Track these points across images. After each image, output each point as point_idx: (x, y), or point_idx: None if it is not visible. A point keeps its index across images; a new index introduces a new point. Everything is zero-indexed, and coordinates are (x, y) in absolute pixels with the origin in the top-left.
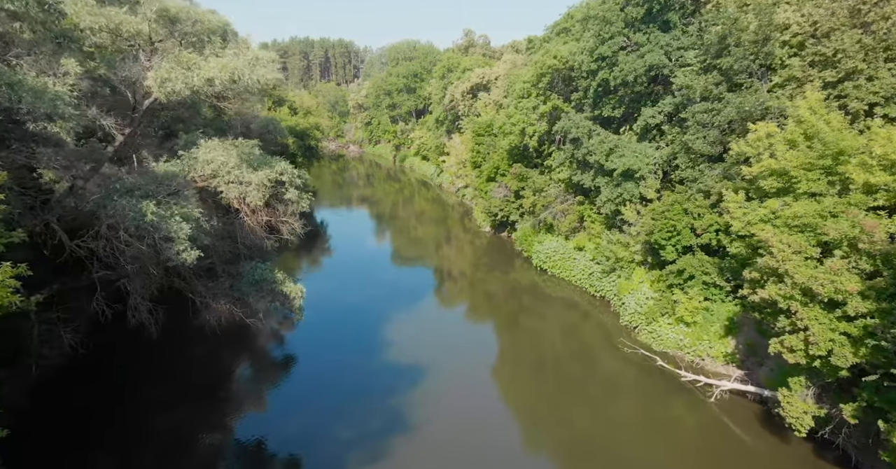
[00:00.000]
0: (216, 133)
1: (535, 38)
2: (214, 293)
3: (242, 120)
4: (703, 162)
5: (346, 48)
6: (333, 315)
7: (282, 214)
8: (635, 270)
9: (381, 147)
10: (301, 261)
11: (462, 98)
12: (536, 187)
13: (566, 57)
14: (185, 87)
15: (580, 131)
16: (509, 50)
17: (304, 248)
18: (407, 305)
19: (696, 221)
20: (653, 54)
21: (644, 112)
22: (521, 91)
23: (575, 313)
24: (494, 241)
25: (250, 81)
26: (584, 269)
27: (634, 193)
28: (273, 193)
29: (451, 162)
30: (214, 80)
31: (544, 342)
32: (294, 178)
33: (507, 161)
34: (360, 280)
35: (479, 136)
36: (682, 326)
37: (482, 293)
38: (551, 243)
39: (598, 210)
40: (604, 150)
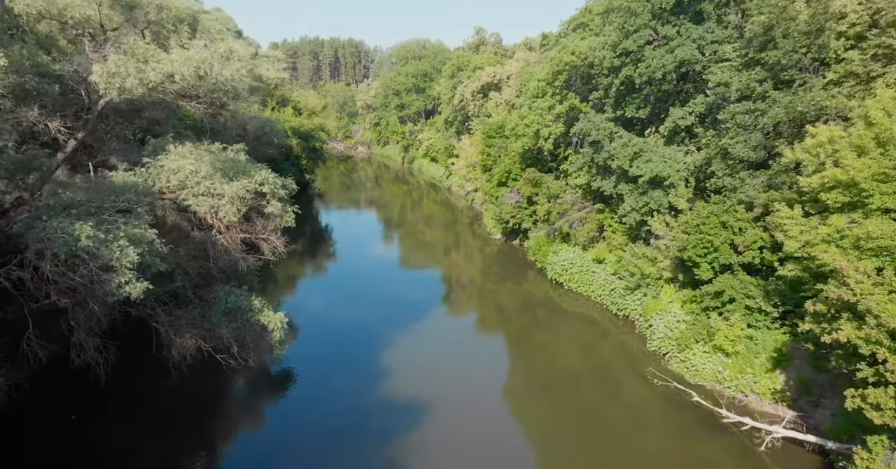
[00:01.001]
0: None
1: (549, 35)
2: (180, 324)
3: (238, 121)
4: (744, 169)
5: (356, 48)
6: (334, 328)
7: (261, 231)
8: (663, 288)
9: (389, 148)
10: (305, 266)
11: (472, 98)
12: (551, 193)
13: (585, 53)
14: (138, 84)
15: (601, 134)
16: (522, 48)
17: (309, 253)
18: (413, 317)
19: (736, 237)
20: (683, 49)
21: (672, 113)
22: (536, 90)
23: (594, 332)
24: (505, 249)
25: (221, 78)
26: (605, 285)
27: (662, 203)
28: (253, 206)
29: (461, 165)
30: (175, 75)
31: (560, 362)
32: (276, 188)
33: (520, 165)
34: (365, 288)
35: (489, 137)
36: (721, 356)
37: (492, 305)
38: (568, 254)
39: (621, 219)
40: (627, 155)
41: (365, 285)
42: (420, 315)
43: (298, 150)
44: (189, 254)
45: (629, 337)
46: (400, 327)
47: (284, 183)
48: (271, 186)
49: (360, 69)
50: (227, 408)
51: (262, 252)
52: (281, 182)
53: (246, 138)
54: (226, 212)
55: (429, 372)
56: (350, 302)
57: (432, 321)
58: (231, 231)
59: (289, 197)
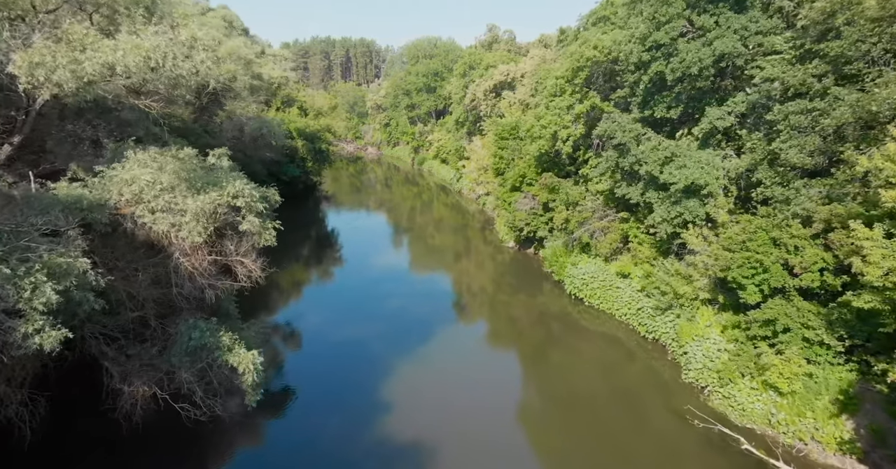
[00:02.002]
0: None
1: (567, 30)
2: (133, 366)
3: (234, 123)
4: (797, 177)
5: (368, 47)
6: (336, 341)
7: (234, 252)
8: (700, 310)
9: (399, 149)
10: (310, 271)
11: (484, 97)
12: (570, 200)
13: (609, 47)
14: (71, 78)
15: (627, 136)
16: (537, 45)
17: (315, 258)
18: (420, 329)
19: (791, 256)
20: (723, 41)
21: (709, 112)
22: (554, 88)
23: (618, 355)
24: (519, 258)
25: (182, 71)
26: (631, 303)
27: (698, 214)
28: (226, 222)
29: (471, 167)
30: (117, 66)
31: (579, 384)
32: (253, 201)
33: (535, 169)
34: (371, 298)
35: (502, 139)
36: (774, 395)
37: (505, 318)
38: (588, 267)
39: (648, 230)
40: (657, 159)
41: (371, 294)
42: (428, 327)
43: (304, 151)
44: (148, 279)
45: (659, 363)
46: (407, 341)
47: (265, 194)
48: (247, 199)
49: (371, 69)
50: None
51: (236, 276)
52: (260, 194)
53: (242, 140)
54: (189, 230)
55: (436, 387)
56: (355, 312)
57: (440, 332)
58: (197, 252)
59: (271, 210)
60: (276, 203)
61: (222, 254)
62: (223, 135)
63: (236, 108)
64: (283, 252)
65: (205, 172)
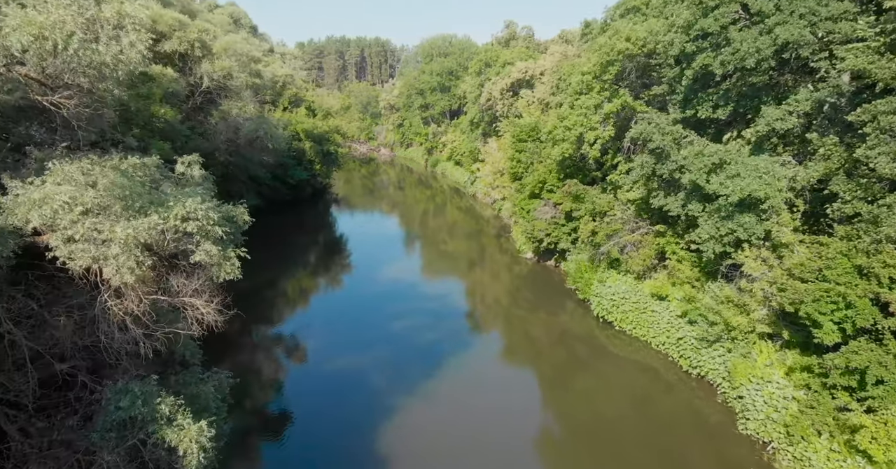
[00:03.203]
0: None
1: (592, 23)
2: (38, 444)
3: (229, 124)
4: (886, 191)
5: (383, 47)
6: (340, 359)
7: (180, 291)
8: (757, 345)
9: (412, 150)
10: (317, 281)
11: (501, 96)
12: (597, 210)
13: (644, 38)
14: None
15: (666, 139)
16: (557, 41)
17: (322, 265)
18: (431, 343)
19: (885, 291)
20: (787, 27)
21: (766, 112)
22: (580, 85)
23: (654, 389)
24: (538, 271)
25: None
26: (670, 330)
27: (756, 232)
28: (177, 252)
29: (486, 171)
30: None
31: (607, 415)
32: (210, 225)
33: (557, 174)
34: (379, 311)
35: (520, 141)
36: (863, 461)
37: (522, 336)
38: (618, 286)
39: (688, 246)
40: (703, 166)
41: (379, 306)
42: (439, 342)
43: (311, 153)
44: (72, 326)
45: (705, 404)
46: (417, 357)
47: (230, 214)
48: (201, 223)
49: (386, 69)
50: None
51: (187, 320)
52: (222, 214)
53: (238, 143)
54: (118, 266)
55: (448, 407)
56: (361, 326)
57: (452, 347)
58: (131, 293)
59: (241, 232)
60: (244, 224)
61: (168, 293)
62: (217, 137)
63: (232, 108)
64: (288, 258)
65: (149, 189)
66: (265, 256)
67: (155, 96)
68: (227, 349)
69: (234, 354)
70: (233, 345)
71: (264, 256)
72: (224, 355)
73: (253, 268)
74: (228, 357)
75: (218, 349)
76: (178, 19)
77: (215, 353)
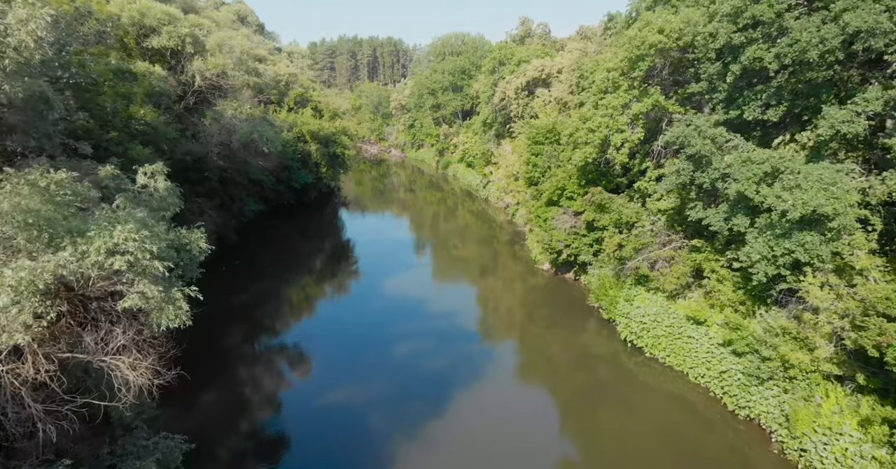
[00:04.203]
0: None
1: (616, 16)
2: None
3: (223, 126)
4: None
5: (395, 46)
6: (342, 377)
7: (101, 349)
8: (821, 387)
9: (423, 151)
10: (320, 290)
11: (515, 95)
12: (623, 220)
13: (680, 30)
14: None
15: (707, 144)
16: (576, 38)
17: (327, 272)
18: (438, 372)
19: None
20: (858, 14)
21: (829, 113)
22: (605, 83)
23: (691, 425)
24: (555, 284)
25: None
26: (710, 362)
27: (820, 254)
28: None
29: (500, 174)
30: None
31: (633, 446)
32: (146, 258)
33: (578, 180)
34: (385, 329)
35: (536, 143)
36: None
37: (540, 359)
38: (648, 306)
39: (730, 263)
40: (753, 176)
41: (385, 324)
42: (449, 368)
43: (317, 156)
44: None
45: (757, 453)
46: (425, 376)
47: (183, 240)
48: (134, 256)
49: (398, 69)
50: None
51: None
52: (166, 243)
53: (231, 146)
54: (6, 322)
55: (458, 445)
56: (365, 341)
57: (461, 372)
58: (32, 355)
59: (197, 264)
60: (202, 252)
61: (85, 351)
62: (209, 140)
63: (227, 109)
64: (291, 266)
65: (73, 213)
66: (266, 264)
67: (136, 96)
68: (228, 361)
69: (234, 367)
70: (233, 356)
71: (265, 264)
72: (224, 368)
73: (252, 275)
74: (228, 370)
75: (218, 361)
76: (168, 13)
77: (215, 365)
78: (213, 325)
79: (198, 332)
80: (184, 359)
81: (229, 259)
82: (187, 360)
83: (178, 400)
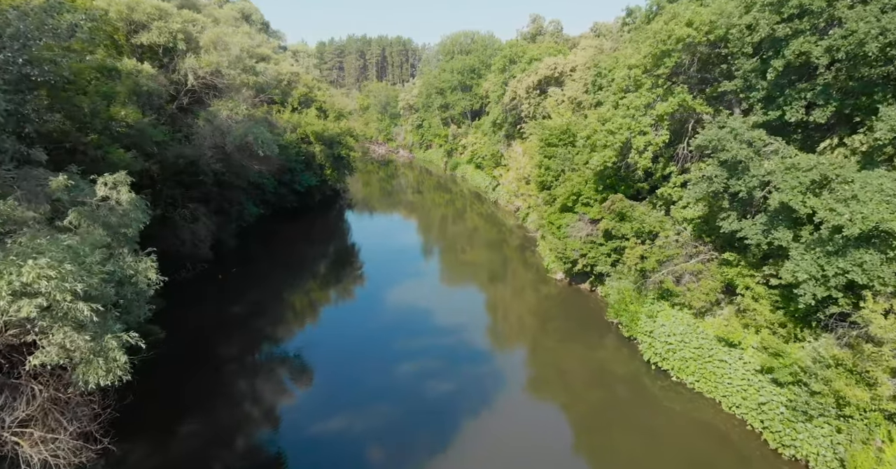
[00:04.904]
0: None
1: (636, 10)
2: None
3: (216, 127)
4: None
5: (404, 46)
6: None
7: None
8: (883, 427)
9: (431, 152)
10: (322, 298)
11: (527, 95)
12: (644, 229)
13: (712, 22)
14: None
15: (744, 150)
16: (589, 36)
17: (332, 276)
18: (444, 398)
19: None
20: None
21: (886, 114)
22: (626, 81)
23: (724, 458)
24: (570, 295)
25: None
26: (747, 390)
27: (882, 275)
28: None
29: (510, 177)
30: None
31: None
32: (67, 300)
33: (595, 185)
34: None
35: (549, 145)
36: None
37: (554, 375)
38: (673, 323)
39: (767, 280)
40: (799, 184)
41: (389, 340)
42: (456, 392)
43: (321, 158)
44: None
45: None
46: (429, 412)
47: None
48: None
49: (406, 68)
50: None
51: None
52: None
53: (224, 150)
54: None
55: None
56: (367, 353)
57: (470, 396)
58: None
59: (147, 297)
60: (152, 284)
61: None
62: (201, 143)
63: (222, 110)
64: (292, 272)
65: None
66: (265, 270)
67: (119, 95)
68: (227, 372)
69: (234, 379)
70: (233, 368)
71: (265, 270)
72: (223, 380)
73: (250, 283)
74: (227, 383)
75: (217, 371)
76: (160, 8)
77: (195, 388)
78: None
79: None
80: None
81: (227, 266)
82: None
83: (152, 434)
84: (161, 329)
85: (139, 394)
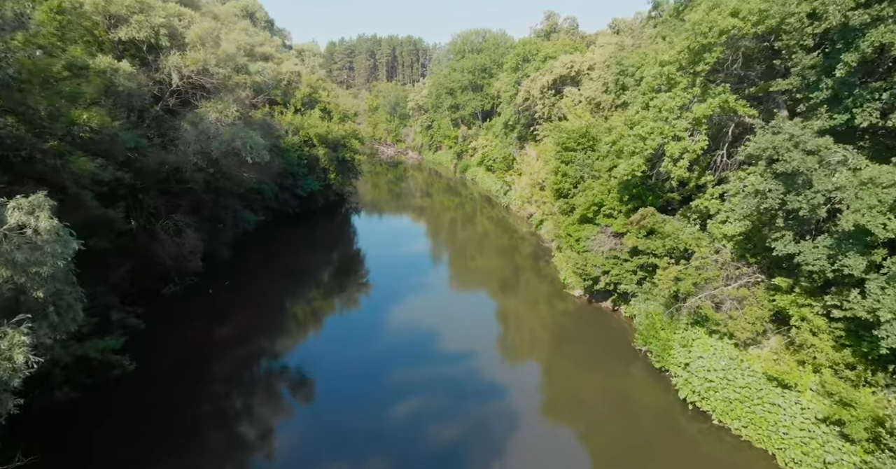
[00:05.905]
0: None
1: (663, 2)
2: None
3: (201, 131)
4: None
5: (415, 45)
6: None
7: None
8: None
9: (440, 154)
10: (333, 299)
11: (541, 95)
12: (678, 246)
13: (762, 11)
14: None
15: (806, 160)
16: (607, 33)
17: (335, 286)
18: (450, 429)
19: None
20: None
21: None
22: (657, 80)
23: None
24: (589, 313)
25: None
26: (809, 443)
27: None
28: None
29: (523, 183)
30: None
31: None
32: None
33: (619, 195)
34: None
35: (566, 150)
36: None
37: (569, 398)
38: (712, 356)
39: (828, 310)
40: (879, 204)
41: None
42: (462, 439)
43: (325, 161)
44: None
45: None
46: (437, 412)
47: None
48: None
49: (417, 68)
50: None
51: None
52: None
53: (210, 156)
54: None
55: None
56: (370, 368)
57: (477, 441)
58: None
59: (14, 392)
60: (15, 373)
61: None
62: (185, 149)
63: (210, 112)
64: (293, 282)
65: None
66: (262, 283)
67: (86, 96)
68: (227, 386)
69: (231, 394)
70: (206, 410)
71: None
72: (222, 394)
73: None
74: (224, 398)
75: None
76: (141, 0)
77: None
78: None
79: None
80: None
81: (219, 278)
82: None
83: None
84: (131, 360)
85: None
